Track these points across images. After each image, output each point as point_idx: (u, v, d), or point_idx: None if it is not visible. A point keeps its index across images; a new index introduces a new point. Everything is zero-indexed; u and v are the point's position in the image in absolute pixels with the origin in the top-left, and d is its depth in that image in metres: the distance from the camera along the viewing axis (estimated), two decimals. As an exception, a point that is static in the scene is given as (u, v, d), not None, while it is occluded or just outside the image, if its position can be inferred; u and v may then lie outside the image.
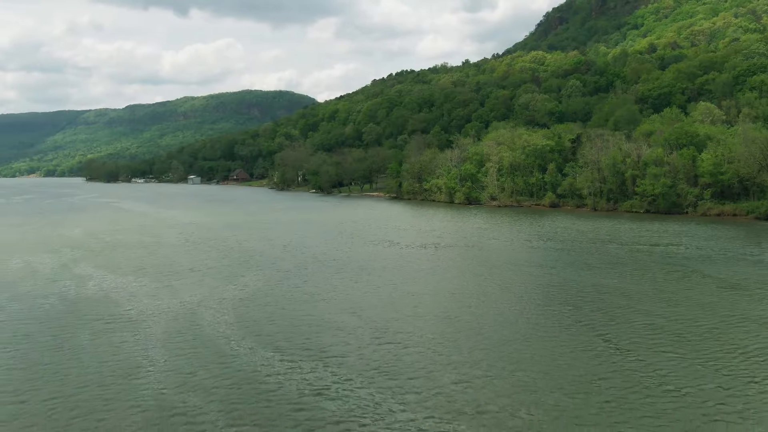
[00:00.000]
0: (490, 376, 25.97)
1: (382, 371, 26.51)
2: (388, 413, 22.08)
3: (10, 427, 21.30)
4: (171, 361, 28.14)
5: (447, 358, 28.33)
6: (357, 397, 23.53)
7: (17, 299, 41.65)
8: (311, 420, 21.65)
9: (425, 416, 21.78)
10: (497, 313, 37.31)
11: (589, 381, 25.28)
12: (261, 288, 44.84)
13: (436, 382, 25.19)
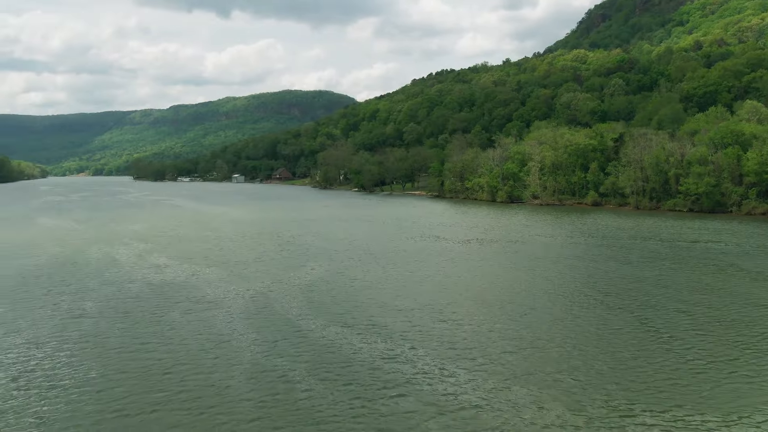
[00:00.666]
0: (536, 347, 29.31)
1: (442, 343, 30.12)
2: (451, 374, 25.68)
3: (139, 382, 25.60)
4: (256, 333, 32.25)
5: (497, 334, 31.74)
6: (423, 363, 27.20)
7: (108, 284, 46.67)
8: (387, 378, 25.39)
9: (483, 378, 25.28)
10: (541, 298, 40.44)
11: (622, 351, 28.34)
12: (322, 276, 48.85)
13: (490, 352, 28.65)
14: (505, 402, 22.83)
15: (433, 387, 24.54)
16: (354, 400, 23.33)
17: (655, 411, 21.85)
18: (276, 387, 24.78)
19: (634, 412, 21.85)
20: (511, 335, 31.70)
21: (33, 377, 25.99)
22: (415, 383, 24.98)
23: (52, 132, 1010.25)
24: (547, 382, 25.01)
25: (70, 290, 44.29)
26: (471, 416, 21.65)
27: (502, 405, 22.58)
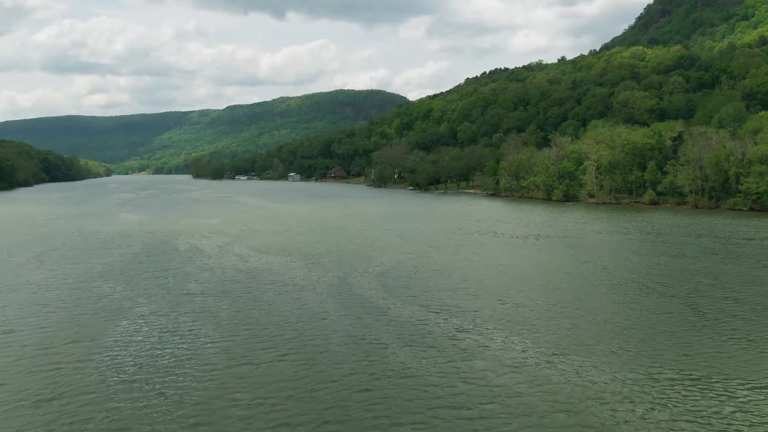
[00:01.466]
0: (590, 324, 32.89)
1: (506, 320, 33.93)
2: (519, 344, 29.46)
3: (254, 344, 30.32)
4: (343, 310, 36.68)
5: (555, 314, 35.30)
6: (492, 334, 31.09)
7: (202, 270, 52.19)
8: (463, 345, 29.36)
9: (547, 348, 28.90)
10: (595, 285, 43.59)
11: (669, 328, 31.42)
12: (392, 266, 53.06)
13: (549, 327, 32.32)
14: (563, 364, 26.41)
15: (502, 352, 28.36)
16: (437, 360, 27.38)
17: (699, 378, 24.96)
18: (369, 350, 29.08)
19: (678, 378, 25.01)
20: (567, 315, 35.24)
21: (171, 338, 31.06)
22: (486, 349, 28.91)
23: (116, 132, 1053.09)
24: (600, 351, 28.52)
25: (171, 274, 49.93)
26: (536, 373, 25.29)
27: (561, 366, 26.20)
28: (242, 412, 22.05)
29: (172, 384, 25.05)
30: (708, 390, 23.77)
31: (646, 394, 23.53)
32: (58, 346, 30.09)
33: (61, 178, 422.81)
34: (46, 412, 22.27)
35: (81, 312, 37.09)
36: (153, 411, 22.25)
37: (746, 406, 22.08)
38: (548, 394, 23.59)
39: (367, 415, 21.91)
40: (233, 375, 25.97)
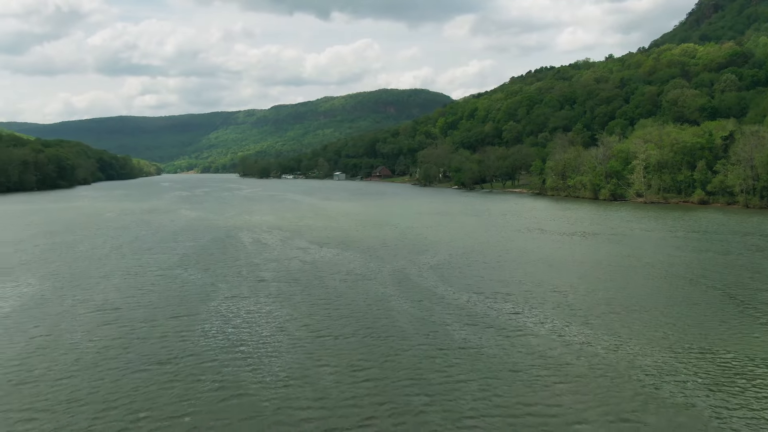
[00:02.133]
0: (632, 311, 35.35)
1: (557, 305, 36.89)
2: (566, 325, 32.40)
3: (331, 323, 34.04)
4: (404, 296, 40.12)
5: (601, 299, 37.94)
6: (543, 318, 34.10)
7: (269, 261, 56.44)
8: (517, 325, 32.45)
9: (592, 328, 31.71)
10: (638, 277, 45.98)
11: (707, 315, 33.66)
12: (445, 259, 56.25)
13: (597, 312, 35.07)
14: (606, 341, 29.18)
15: (552, 331, 31.43)
16: (495, 336, 30.56)
17: (727, 356, 27.40)
18: (432, 327, 32.45)
19: (711, 355, 27.49)
20: (609, 301, 38.09)
21: (257, 315, 35.05)
22: (538, 328, 31.98)
23: (165, 132, 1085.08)
24: (639, 330, 31.27)
25: (242, 264, 54.33)
26: (582, 348, 28.15)
27: (604, 342, 28.99)
28: (331, 374, 25.70)
29: (268, 349, 28.97)
30: (739, 367, 26.22)
31: (681, 365, 26.31)
32: (161, 321, 34.46)
33: (115, 177, 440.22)
34: (166, 371, 26.39)
35: (172, 294, 41.63)
36: (256, 369, 26.11)
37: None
38: (593, 364, 26.59)
39: (437, 376, 25.30)
40: (317, 345, 29.73)
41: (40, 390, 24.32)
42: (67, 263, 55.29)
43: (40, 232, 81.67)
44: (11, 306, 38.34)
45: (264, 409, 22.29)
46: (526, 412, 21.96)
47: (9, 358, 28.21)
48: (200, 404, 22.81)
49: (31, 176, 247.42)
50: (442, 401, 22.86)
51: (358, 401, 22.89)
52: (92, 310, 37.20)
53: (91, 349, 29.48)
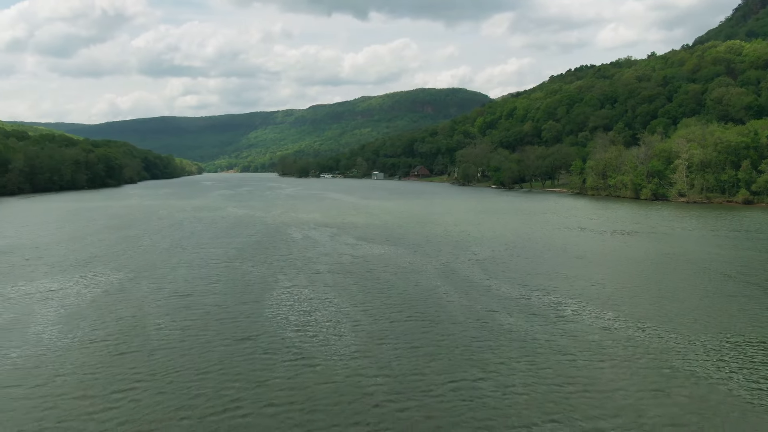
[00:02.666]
0: (672, 299, 37.07)
1: (598, 297, 39.04)
2: (607, 314, 34.56)
3: (393, 308, 36.84)
4: (451, 287, 42.71)
5: (640, 292, 39.77)
6: (585, 308, 36.26)
7: (322, 254, 59.66)
8: (562, 314, 34.69)
9: (631, 318, 33.77)
10: (678, 272, 47.43)
11: (743, 306, 35.22)
12: (489, 254, 58.54)
13: (636, 303, 37.07)
14: (644, 329, 31.20)
15: (594, 319, 33.65)
16: (539, 322, 32.95)
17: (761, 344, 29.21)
18: (479, 315, 34.99)
19: (747, 342, 29.27)
20: (648, 294, 40.09)
21: (317, 302, 38.10)
22: (580, 317, 34.27)
23: (205, 132, 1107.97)
24: (678, 320, 33.16)
25: (295, 257, 57.63)
26: (621, 333, 30.24)
27: (643, 330, 31.01)
28: (391, 351, 28.51)
29: (333, 330, 31.99)
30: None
31: (712, 347, 28.38)
32: (231, 306, 37.85)
33: (159, 176, 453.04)
34: (245, 347, 29.61)
35: (236, 283, 45.10)
36: (324, 346, 29.08)
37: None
38: (628, 346, 28.96)
39: (489, 355, 27.90)
40: (376, 327, 32.61)
41: (138, 360, 27.77)
42: (135, 256, 59.56)
43: (103, 228, 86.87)
44: (96, 292, 42.31)
45: (336, 377, 25.22)
46: (569, 383, 24.36)
47: (106, 335, 31.86)
48: (280, 373, 25.90)
49: (82, 175, 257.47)
50: (494, 374, 25.45)
51: (418, 373, 25.65)
52: (168, 296, 40.88)
53: (174, 328, 32.95)
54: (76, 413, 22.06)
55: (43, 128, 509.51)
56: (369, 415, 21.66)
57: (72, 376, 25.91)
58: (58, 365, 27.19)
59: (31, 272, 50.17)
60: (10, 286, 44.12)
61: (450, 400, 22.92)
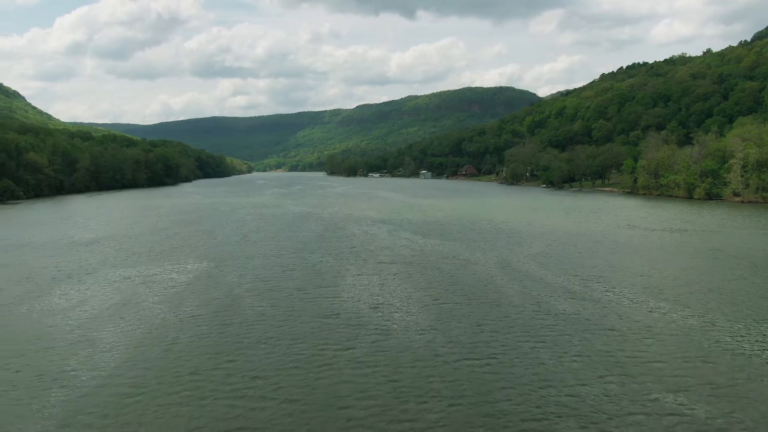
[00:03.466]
0: (717, 291, 39.65)
1: (647, 287, 41.98)
2: (656, 302, 37.56)
3: (449, 298, 40.68)
4: (507, 278, 46.27)
5: (687, 282, 42.35)
6: (635, 296, 39.35)
7: (383, 248, 63.89)
8: (614, 300, 37.84)
9: (678, 305, 36.66)
10: (725, 267, 49.45)
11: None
12: (542, 249, 61.61)
13: (682, 293, 39.79)
14: (684, 313, 33.99)
15: (642, 304, 36.78)
16: (593, 306, 36.25)
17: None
18: (537, 300, 38.50)
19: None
20: (692, 284, 42.69)
21: (386, 287, 42.24)
22: (630, 303, 37.39)
23: (254, 131, 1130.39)
24: (716, 308, 35.80)
25: (358, 250, 62.03)
26: (668, 316, 33.19)
27: (689, 316, 33.85)
28: (457, 328, 32.37)
29: (404, 311, 36.09)
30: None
31: (756, 331, 31.10)
32: (309, 290, 42.46)
33: (212, 175, 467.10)
34: (330, 322, 33.97)
35: (309, 271, 49.81)
36: (400, 322, 33.11)
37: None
38: (671, 326, 32.05)
39: (544, 330, 31.59)
40: (441, 309, 36.59)
41: (240, 331, 32.46)
42: (212, 247, 65.13)
43: (176, 222, 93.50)
44: (188, 278, 47.58)
45: (412, 346, 29.25)
46: (618, 354, 27.76)
47: (209, 312, 36.76)
48: (365, 341, 30.20)
49: (142, 174, 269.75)
50: (550, 345, 29.10)
51: (482, 344, 29.48)
52: (251, 281, 45.77)
53: (265, 306, 37.63)
54: (194, 373, 26.72)
55: (101, 129, 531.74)
56: (446, 374, 25.58)
57: (188, 344, 30.73)
58: (173, 336, 32.10)
59: (125, 260, 56.07)
60: (112, 272, 49.91)
61: (513, 364, 26.66)
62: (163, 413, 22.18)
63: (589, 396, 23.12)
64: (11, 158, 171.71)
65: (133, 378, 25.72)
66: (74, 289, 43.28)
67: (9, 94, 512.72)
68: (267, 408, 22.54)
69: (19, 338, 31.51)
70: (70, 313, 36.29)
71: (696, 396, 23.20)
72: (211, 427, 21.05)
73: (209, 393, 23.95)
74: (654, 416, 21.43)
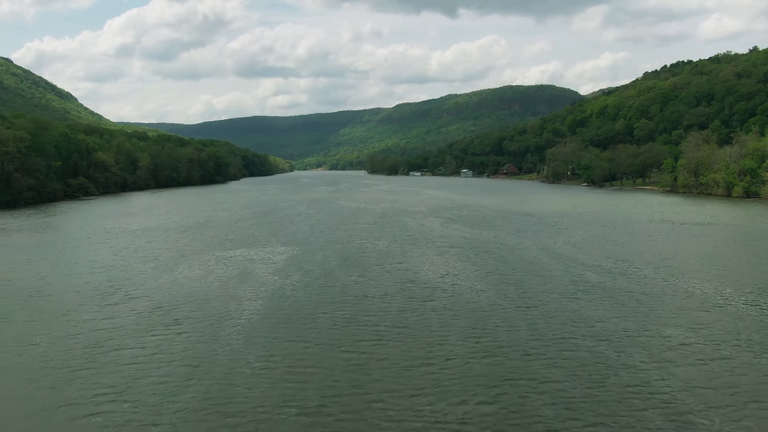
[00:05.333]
0: (745, 280, 46.38)
1: (684, 273, 48.87)
2: (693, 288, 44.63)
3: (519, 278, 48.72)
4: (556, 259, 53.87)
5: (717, 271, 49.11)
6: (673, 281, 46.49)
7: (439, 237, 72.13)
8: (658, 284, 45.17)
9: (713, 290, 43.77)
10: (756, 257, 55.78)
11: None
12: (582, 238, 68.89)
13: (713, 280, 46.55)
14: (720, 296, 41.06)
15: (681, 289, 43.89)
16: (640, 290, 43.61)
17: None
18: (580, 278, 46.09)
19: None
20: (726, 274, 49.26)
21: (452, 268, 50.36)
22: (668, 287, 44.63)
23: (295, 130, 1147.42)
24: (750, 292, 42.59)
25: (417, 238, 70.39)
26: (709, 300, 40.33)
27: (727, 302, 40.90)
28: (515, 307, 40.40)
29: (469, 289, 44.22)
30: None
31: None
32: (387, 264, 51.07)
33: (257, 173, 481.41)
34: (411, 287, 42.36)
35: (381, 253, 58.61)
36: (468, 297, 41.32)
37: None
38: (708, 304, 39.14)
39: (583, 296, 39.40)
40: (500, 289, 44.61)
41: (347, 296, 41.20)
42: (289, 235, 74.60)
43: (247, 215, 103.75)
44: (284, 258, 56.84)
45: (478, 325, 37.39)
46: (668, 328, 35.10)
47: (315, 286, 45.69)
48: (439, 300, 38.53)
49: (195, 172, 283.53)
50: (592, 306, 36.99)
51: (537, 322, 37.46)
52: (336, 259, 54.77)
53: (358, 277, 46.41)
54: (309, 332, 35.56)
55: (147, 128, 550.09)
56: (503, 333, 33.77)
57: (300, 312, 39.66)
58: (288, 304, 41.09)
59: (221, 245, 65.81)
60: (219, 253, 59.62)
61: (561, 322, 34.62)
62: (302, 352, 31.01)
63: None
64: (82, 158, 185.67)
65: (270, 324, 34.71)
66: (196, 265, 52.95)
67: (63, 96, 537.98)
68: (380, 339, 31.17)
69: (180, 296, 40.89)
70: (210, 279, 45.77)
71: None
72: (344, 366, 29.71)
73: (334, 332, 32.76)
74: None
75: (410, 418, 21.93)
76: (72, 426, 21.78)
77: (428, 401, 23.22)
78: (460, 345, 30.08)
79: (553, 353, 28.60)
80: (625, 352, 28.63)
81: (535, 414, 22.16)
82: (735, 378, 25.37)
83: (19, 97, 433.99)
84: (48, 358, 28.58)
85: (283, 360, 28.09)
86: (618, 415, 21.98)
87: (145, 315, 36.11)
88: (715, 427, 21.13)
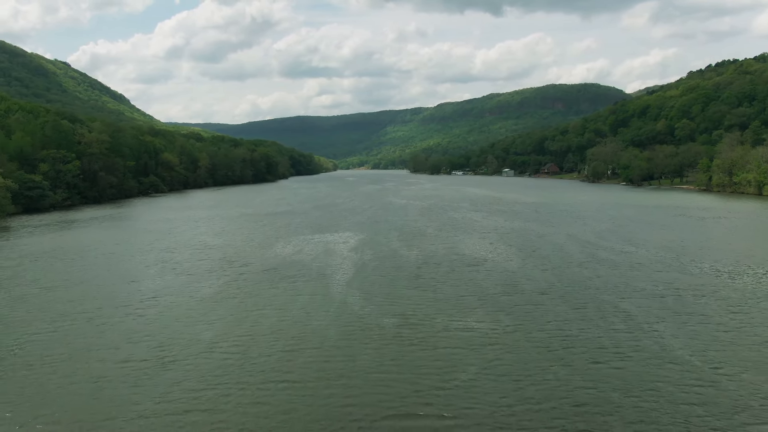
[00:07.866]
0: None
1: (721, 261, 58.94)
2: (722, 272, 54.85)
3: (584, 264, 59.88)
4: (595, 261, 64.41)
5: (746, 264, 58.97)
6: (699, 269, 56.69)
7: (484, 226, 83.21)
8: (693, 272, 55.57)
9: (745, 281, 53.99)
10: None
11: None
12: (608, 227, 78.95)
13: (747, 270, 56.61)
14: (744, 285, 51.15)
15: (716, 279, 54.09)
16: (678, 282, 54.13)
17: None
18: (606, 259, 56.75)
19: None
20: (740, 257, 58.93)
21: (518, 263, 61.58)
22: (705, 275, 54.90)
23: (338, 130, 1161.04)
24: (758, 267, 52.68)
25: (464, 227, 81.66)
26: (750, 288, 50.55)
27: (742, 286, 51.04)
28: (564, 285, 51.59)
29: (508, 256, 55.48)
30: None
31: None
32: (438, 243, 62.67)
33: (303, 172, 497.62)
34: (463, 260, 53.96)
35: (434, 237, 70.07)
36: (531, 279, 52.66)
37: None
38: (740, 289, 49.41)
39: (640, 283, 50.16)
40: (555, 272, 55.80)
41: (421, 284, 53.05)
42: (353, 224, 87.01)
43: (309, 208, 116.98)
44: (353, 242, 68.98)
45: (532, 292, 48.69)
46: (706, 313, 45.64)
47: (387, 256, 57.72)
48: (482, 272, 50.04)
49: (248, 171, 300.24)
50: (630, 280, 47.86)
51: (586, 301, 48.59)
52: (399, 242, 66.52)
53: (418, 254, 58.20)
54: (383, 306, 47.54)
55: (195, 128, 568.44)
56: (552, 309, 45.05)
57: (381, 287, 51.73)
58: (369, 270, 53.21)
59: (300, 231, 78.56)
60: (301, 237, 72.30)
61: (602, 293, 45.64)
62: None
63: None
64: (151, 158, 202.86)
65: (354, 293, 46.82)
66: (290, 245, 65.81)
67: (116, 97, 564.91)
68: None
69: (286, 264, 53.44)
70: (304, 253, 58.36)
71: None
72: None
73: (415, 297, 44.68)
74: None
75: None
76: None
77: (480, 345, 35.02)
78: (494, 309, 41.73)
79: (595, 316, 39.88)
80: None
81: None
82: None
83: (78, 99, 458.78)
84: (214, 299, 41.48)
85: (377, 302, 40.28)
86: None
87: (260, 274, 48.92)
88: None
